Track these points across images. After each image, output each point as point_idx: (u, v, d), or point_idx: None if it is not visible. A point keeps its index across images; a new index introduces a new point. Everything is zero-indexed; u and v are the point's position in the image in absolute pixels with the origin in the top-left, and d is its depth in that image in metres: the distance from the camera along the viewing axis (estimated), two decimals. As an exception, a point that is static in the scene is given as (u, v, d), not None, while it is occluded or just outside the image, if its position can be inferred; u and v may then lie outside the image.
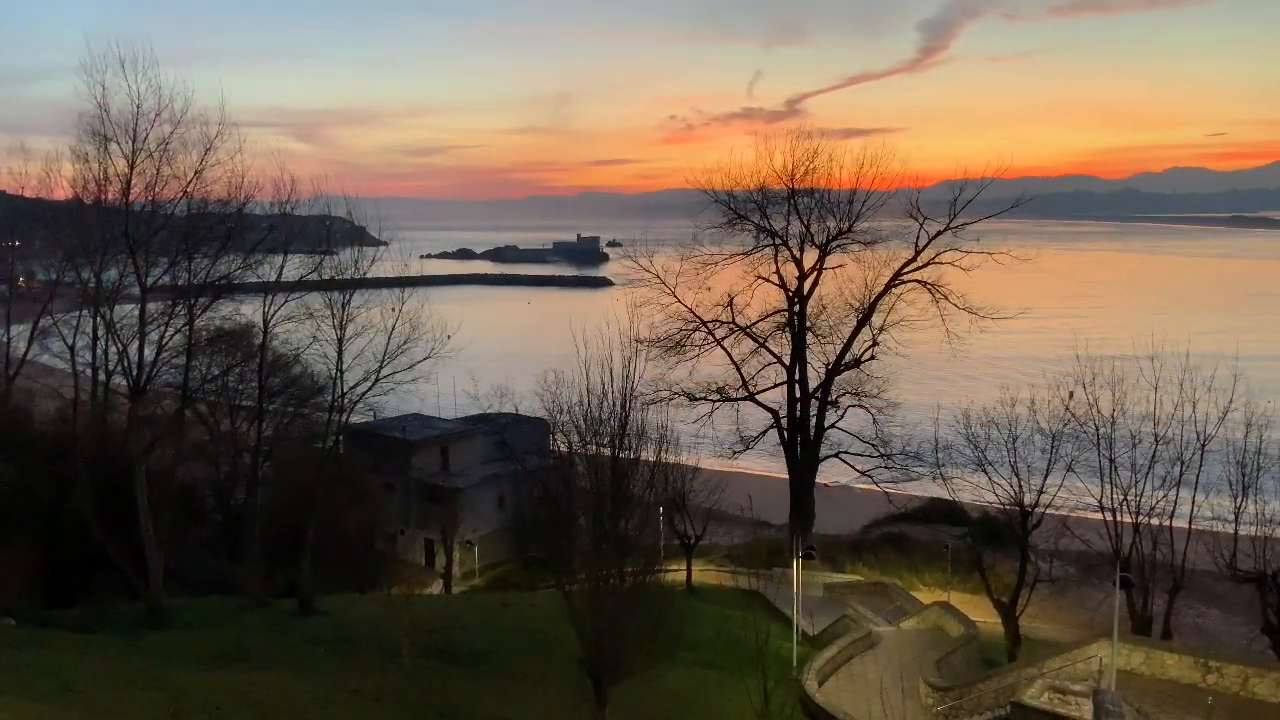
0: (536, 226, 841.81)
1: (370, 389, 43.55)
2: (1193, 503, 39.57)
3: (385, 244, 50.29)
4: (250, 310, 48.79)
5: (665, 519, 54.47)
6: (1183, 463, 39.19)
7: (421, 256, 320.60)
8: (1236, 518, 37.97)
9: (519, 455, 58.78)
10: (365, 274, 43.88)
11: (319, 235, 48.02)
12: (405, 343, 42.51)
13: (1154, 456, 39.59)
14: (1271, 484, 38.38)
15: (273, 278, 46.00)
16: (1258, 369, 42.25)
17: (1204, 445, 39.04)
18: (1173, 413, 39.50)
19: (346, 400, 44.11)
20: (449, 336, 47.69)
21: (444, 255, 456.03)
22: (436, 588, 63.62)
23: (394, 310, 42.77)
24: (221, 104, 40.23)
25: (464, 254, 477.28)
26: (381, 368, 42.59)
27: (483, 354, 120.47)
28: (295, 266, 46.79)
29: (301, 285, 46.22)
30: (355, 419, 59.40)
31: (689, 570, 58.27)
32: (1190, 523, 39.46)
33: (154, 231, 41.01)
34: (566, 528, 30.85)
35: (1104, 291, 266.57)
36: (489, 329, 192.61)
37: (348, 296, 42.49)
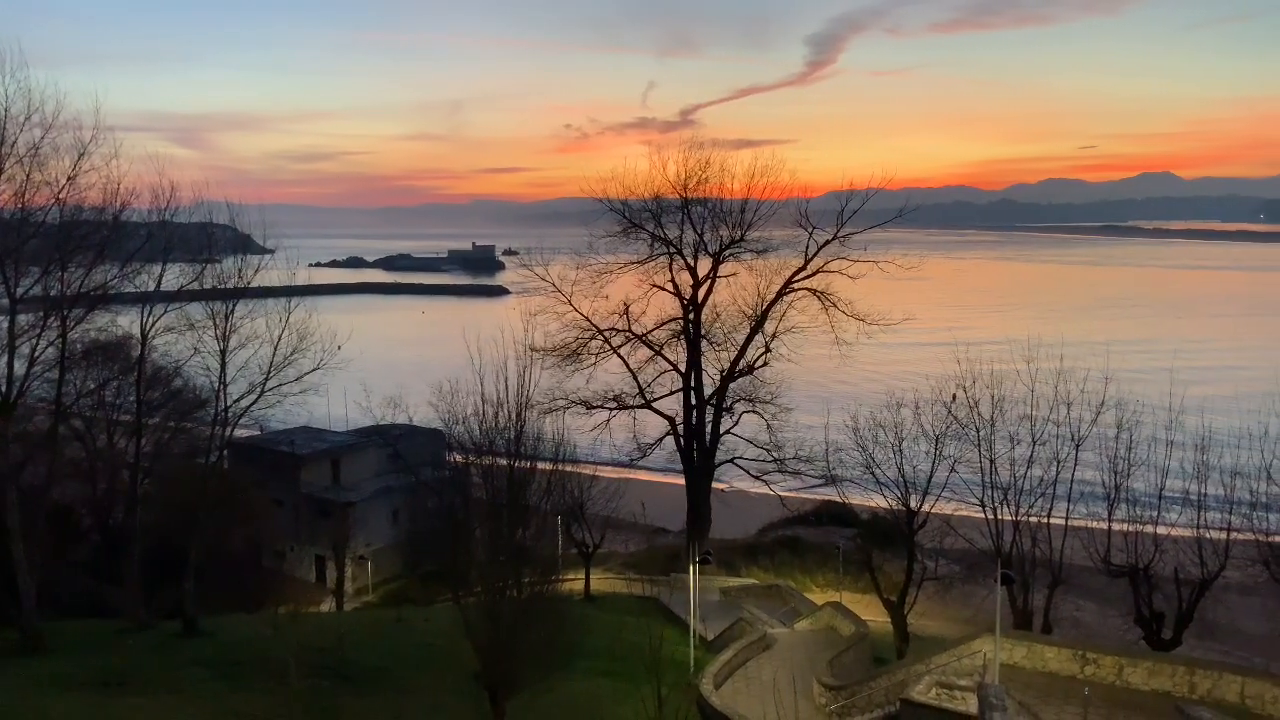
0: (430, 234, 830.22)
1: (255, 402, 42.36)
2: (1069, 500, 41.29)
3: (271, 252, 48.99)
4: (128, 321, 46.91)
5: (563, 528, 54.34)
6: (1059, 462, 40.83)
7: (310, 265, 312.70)
8: (1110, 514, 39.71)
9: (413, 467, 57.83)
10: (249, 283, 42.60)
11: (200, 243, 46.44)
12: (292, 354, 41.46)
13: (1032, 457, 41.12)
14: (1141, 482, 40.23)
15: (151, 287, 44.34)
16: (1124, 376, 44.39)
17: (1078, 445, 40.72)
18: (1049, 414, 41.21)
19: (230, 414, 42.77)
20: (339, 347, 46.74)
21: (334, 264, 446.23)
22: (328, 605, 62.12)
23: (280, 320, 41.72)
24: (96, 107, 38.53)
25: (355, 262, 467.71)
26: (267, 380, 41.46)
27: (375, 364, 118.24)
28: (175, 276, 45.18)
29: (182, 295, 44.64)
30: (240, 433, 57.71)
31: (587, 579, 58.24)
32: (1067, 519, 41.13)
33: (24, 240, 39.08)
34: (462, 539, 30.54)
35: (983, 298, 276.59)
36: (382, 339, 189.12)
37: (231, 306, 41.20)
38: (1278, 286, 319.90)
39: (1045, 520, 41.13)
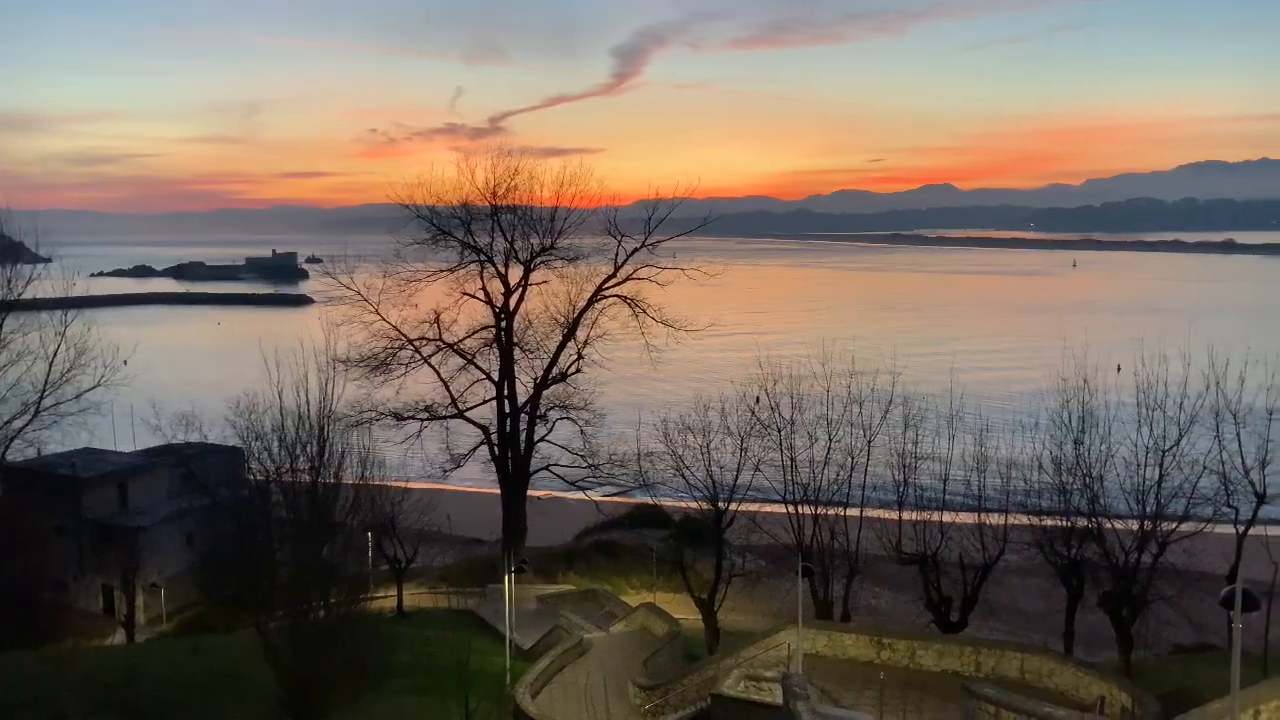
0: (226, 241, 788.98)
1: (30, 423, 39.35)
2: (863, 494, 43.60)
3: (47, 260, 45.67)
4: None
5: (373, 544, 52.89)
6: (853, 458, 43.07)
7: (91, 274, 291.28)
8: (900, 505, 42.15)
9: (209, 487, 54.83)
10: (20, 295, 39.58)
11: (-39, 252, 42.69)
12: (70, 370, 38.86)
13: (828, 454, 43.24)
14: (927, 474, 42.90)
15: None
16: (909, 375, 47.40)
17: (870, 441, 43.13)
18: (843, 412, 43.46)
19: (2, 436, 39.50)
20: (124, 362, 44.02)
21: (119, 273, 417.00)
22: (119, 637, 58.06)
23: (56, 335, 38.94)
24: None
25: (142, 271, 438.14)
26: (42, 399, 38.63)
27: (166, 380, 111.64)
28: (-68, 287, 41.38)
29: (-60, 308, 40.96)
30: (13, 456, 53.31)
31: (400, 595, 56.86)
32: (861, 512, 43.39)
33: None
34: (263, 561, 29.34)
35: (782, 304, 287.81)
36: (173, 352, 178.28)
37: (-1, 320, 38.11)
38: (1044, 289, 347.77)
39: (842, 513, 43.23)
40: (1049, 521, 38.69)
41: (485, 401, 65.22)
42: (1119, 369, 41.75)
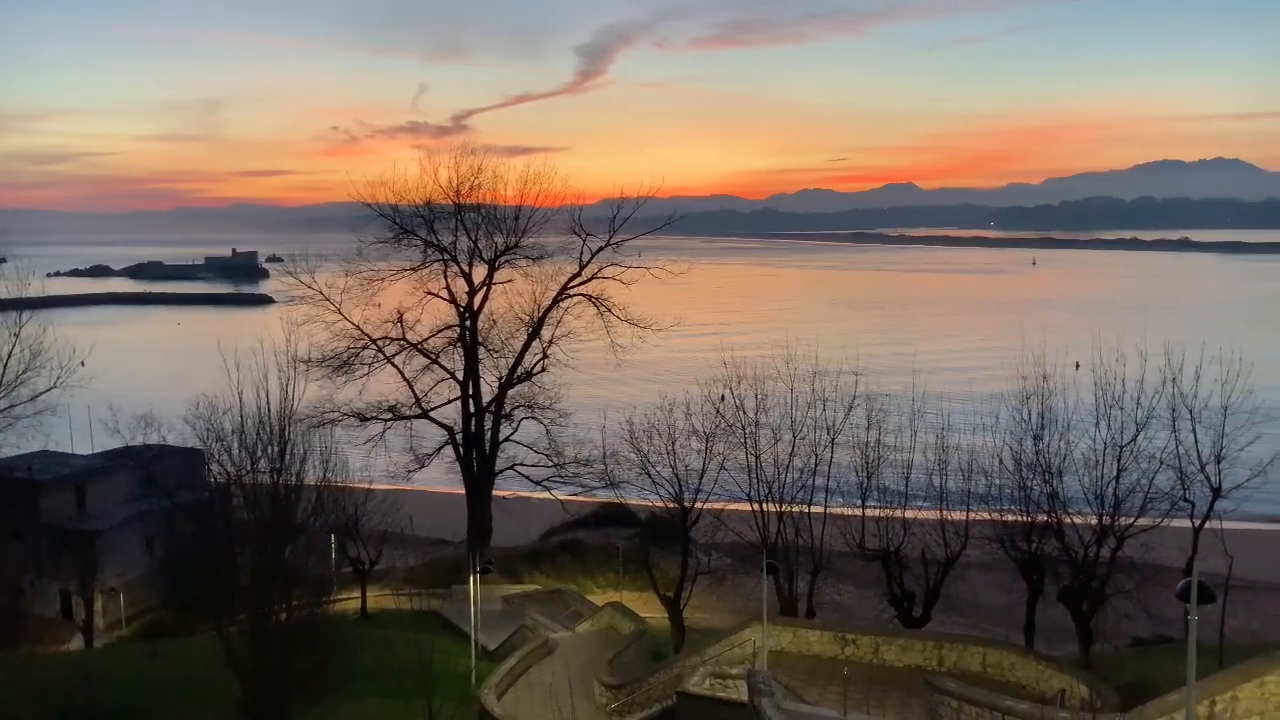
0: (185, 240, 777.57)
1: (-18, 426, 38.54)
2: (827, 491, 43.90)
3: (1, 260, 44.79)
4: None
5: (336, 546, 52.48)
6: (817, 456, 43.36)
7: (47, 274, 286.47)
8: (863, 502, 42.50)
9: (169, 490, 54.13)
10: (-29, 295, 38.81)
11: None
12: (25, 372, 38.05)
13: (793, 451, 43.49)
14: (890, 471, 43.27)
15: None
16: (870, 372, 47.74)
17: (834, 439, 43.42)
18: (807, 411, 43.72)
19: (-47, 440, 38.74)
20: (81, 363, 43.27)
21: (75, 273, 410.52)
22: (77, 642, 57.19)
23: (11, 336, 38.19)
24: None
25: (100, 271, 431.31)
26: (-5, 401, 37.83)
27: (124, 381, 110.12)
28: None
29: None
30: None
31: (363, 597, 56.47)
32: (825, 509, 43.69)
33: None
34: (224, 564, 29.03)
35: (746, 303, 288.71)
36: (131, 353, 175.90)
37: (-50, 321, 37.38)
38: (1004, 287, 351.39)
39: (806, 510, 43.50)
40: (1010, 517, 39.02)
41: (450, 401, 64.85)
42: (1077, 366, 42.26)
